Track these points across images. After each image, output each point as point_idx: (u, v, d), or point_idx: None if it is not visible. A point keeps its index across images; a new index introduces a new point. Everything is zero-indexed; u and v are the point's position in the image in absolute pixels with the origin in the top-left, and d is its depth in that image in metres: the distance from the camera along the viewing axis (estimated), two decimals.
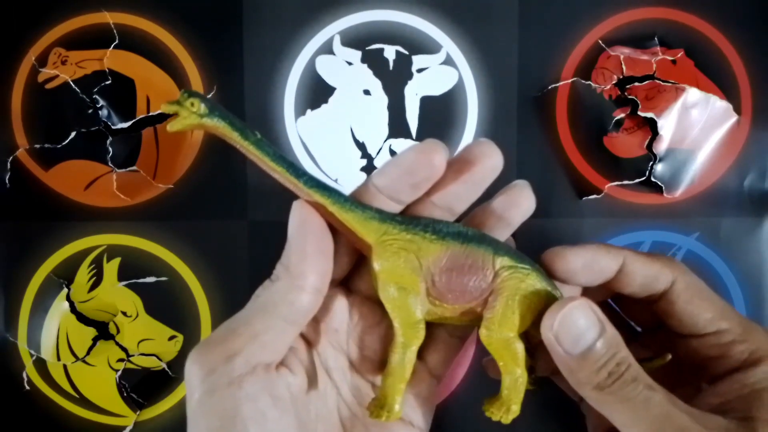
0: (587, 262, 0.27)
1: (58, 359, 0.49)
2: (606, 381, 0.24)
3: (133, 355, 0.49)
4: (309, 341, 0.27)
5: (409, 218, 0.25)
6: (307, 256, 0.24)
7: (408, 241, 0.25)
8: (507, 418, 0.26)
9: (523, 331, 0.26)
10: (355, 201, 0.25)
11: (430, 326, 0.26)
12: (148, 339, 0.49)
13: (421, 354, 0.27)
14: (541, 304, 0.25)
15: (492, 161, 0.24)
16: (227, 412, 0.23)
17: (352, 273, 0.28)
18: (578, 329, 0.24)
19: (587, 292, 0.29)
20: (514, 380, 0.25)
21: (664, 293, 0.28)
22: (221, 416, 0.23)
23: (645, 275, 0.27)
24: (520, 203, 0.26)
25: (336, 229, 0.25)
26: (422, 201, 0.25)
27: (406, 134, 0.48)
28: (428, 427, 0.29)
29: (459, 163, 0.24)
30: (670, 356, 0.27)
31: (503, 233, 0.26)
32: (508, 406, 0.26)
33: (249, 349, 0.24)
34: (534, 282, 0.25)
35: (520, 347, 0.25)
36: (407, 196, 0.25)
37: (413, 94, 0.48)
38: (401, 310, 0.25)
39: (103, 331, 0.49)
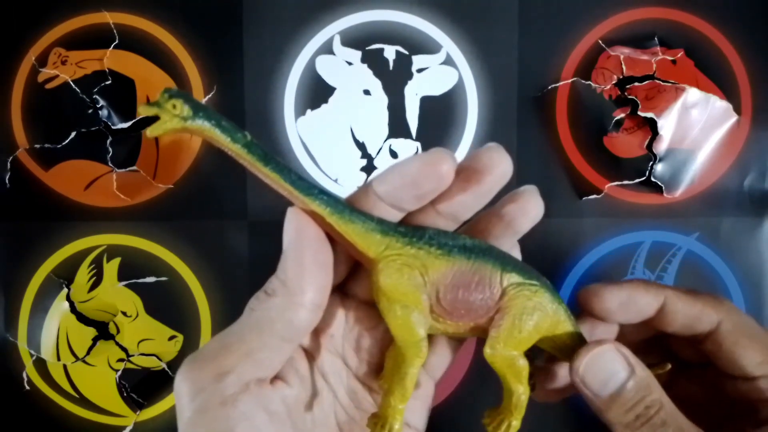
0: (624, 301, 0.26)
1: (58, 359, 0.49)
2: (635, 423, 0.24)
3: (133, 355, 0.49)
4: (304, 348, 0.27)
5: (412, 229, 0.24)
6: (306, 270, 0.23)
7: (412, 257, 0.23)
8: None
9: (528, 348, 0.25)
10: (355, 210, 0.23)
11: None
12: (148, 339, 0.49)
13: None
14: (548, 322, 0.25)
15: (502, 169, 0.23)
16: None
17: (348, 277, 0.27)
18: (606, 373, 0.24)
19: (629, 329, 0.29)
20: (517, 397, 0.25)
21: (709, 333, 0.27)
22: None
23: (687, 315, 0.26)
24: (528, 211, 0.24)
25: (333, 238, 0.24)
26: (425, 209, 0.24)
27: (406, 134, 0.48)
28: (425, 427, 0.28)
29: (467, 172, 0.23)
30: (669, 366, 0.27)
31: (510, 241, 0.25)
32: (509, 422, 0.25)
33: (242, 366, 0.23)
34: (541, 299, 0.24)
35: (523, 364, 0.25)
36: (410, 206, 0.24)
37: (413, 94, 0.48)
38: (403, 329, 0.24)
39: (103, 331, 0.49)
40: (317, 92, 0.48)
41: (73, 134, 0.48)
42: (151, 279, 0.49)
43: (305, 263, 0.23)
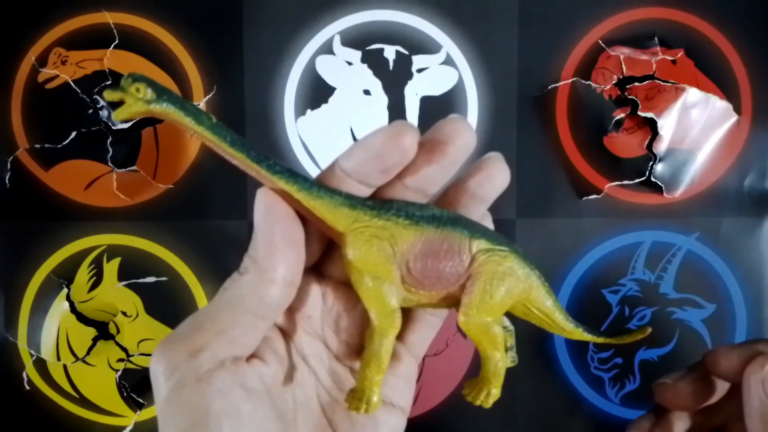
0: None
1: (58, 359, 0.49)
2: None
3: (133, 355, 0.49)
4: (282, 329, 0.27)
5: (380, 203, 0.24)
6: (276, 246, 0.23)
7: (380, 228, 0.24)
8: (488, 402, 0.25)
9: (503, 314, 0.25)
10: (322, 186, 0.23)
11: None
12: (148, 339, 0.49)
13: (400, 334, 0.26)
14: (520, 287, 0.24)
15: (464, 139, 0.23)
16: (198, 409, 0.22)
17: (323, 257, 0.27)
18: None
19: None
20: (494, 364, 0.25)
21: None
22: (192, 413, 0.22)
23: None
24: (494, 178, 0.24)
25: (304, 216, 0.24)
26: (393, 183, 0.24)
27: None
28: (410, 407, 0.28)
29: (430, 144, 0.23)
30: (650, 329, 0.26)
31: (478, 209, 0.25)
32: (489, 390, 0.25)
33: (216, 344, 0.23)
34: (512, 264, 0.24)
35: (498, 331, 0.24)
36: (377, 180, 0.24)
37: (413, 94, 0.48)
38: (376, 300, 0.24)
39: (103, 331, 0.49)
40: (317, 92, 0.48)
41: (73, 134, 0.48)
42: (151, 279, 0.49)
43: (275, 240, 0.23)
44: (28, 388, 0.49)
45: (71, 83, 0.48)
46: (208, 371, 0.23)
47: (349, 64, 0.48)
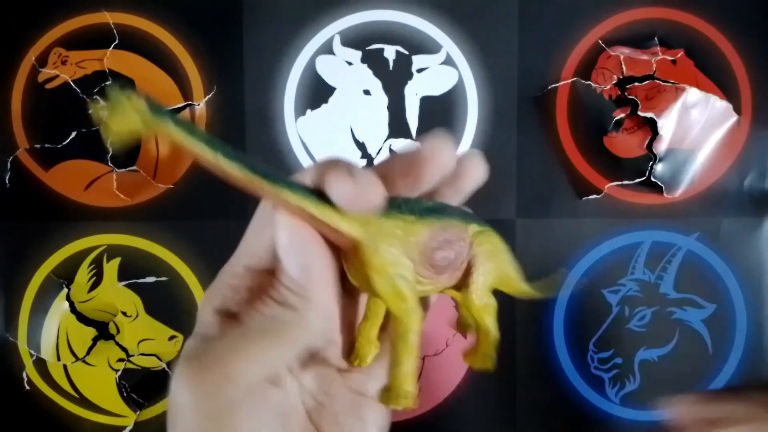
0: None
1: (58, 359, 0.49)
2: None
3: (133, 355, 0.49)
4: None
5: None
6: (314, 277, 0.23)
7: (392, 227, 0.24)
8: (491, 364, 0.27)
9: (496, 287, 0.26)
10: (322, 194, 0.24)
11: None
12: (148, 339, 0.49)
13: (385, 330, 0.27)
14: (507, 259, 0.26)
15: (442, 160, 0.24)
16: None
17: None
18: None
19: None
20: (491, 332, 0.26)
21: None
22: None
23: None
24: (471, 173, 0.26)
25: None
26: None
27: (406, 134, 0.48)
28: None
29: (408, 162, 0.25)
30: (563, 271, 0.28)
31: (455, 201, 0.27)
32: (489, 352, 0.27)
33: (251, 370, 0.23)
34: (497, 240, 0.26)
35: (492, 301, 0.26)
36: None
37: (413, 94, 0.48)
38: (398, 299, 0.24)
39: (103, 331, 0.49)
40: (317, 92, 0.48)
41: (73, 134, 0.48)
42: (151, 279, 0.49)
43: (312, 269, 0.23)
44: (28, 388, 0.49)
45: (71, 83, 0.48)
46: (241, 397, 0.23)
47: (349, 64, 0.48)
